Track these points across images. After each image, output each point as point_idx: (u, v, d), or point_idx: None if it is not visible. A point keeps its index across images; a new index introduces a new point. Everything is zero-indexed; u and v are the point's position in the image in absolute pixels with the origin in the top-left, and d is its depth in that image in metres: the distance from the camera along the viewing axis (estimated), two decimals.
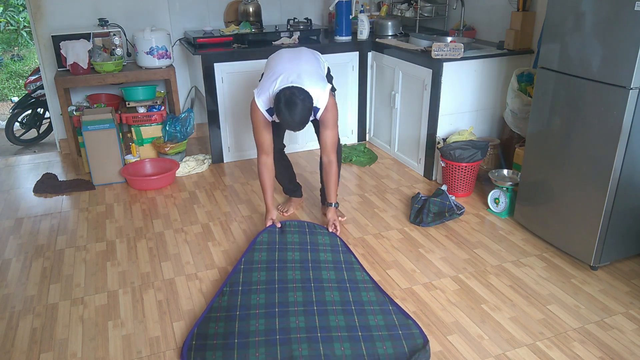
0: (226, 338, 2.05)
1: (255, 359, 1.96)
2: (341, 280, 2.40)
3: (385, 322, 2.15)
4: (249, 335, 2.06)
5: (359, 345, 2.02)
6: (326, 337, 2.06)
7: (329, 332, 2.08)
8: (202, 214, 3.17)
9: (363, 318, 2.17)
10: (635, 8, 2.11)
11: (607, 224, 2.44)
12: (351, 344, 2.03)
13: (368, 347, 2.02)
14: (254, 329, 2.09)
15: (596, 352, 2.04)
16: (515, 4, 3.38)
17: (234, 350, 1.99)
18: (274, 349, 1.99)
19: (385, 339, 2.06)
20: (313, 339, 2.04)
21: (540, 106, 2.67)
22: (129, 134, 3.88)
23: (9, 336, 2.18)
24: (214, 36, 3.85)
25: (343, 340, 2.04)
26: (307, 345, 2.01)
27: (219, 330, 2.09)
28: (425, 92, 3.41)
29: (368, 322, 2.15)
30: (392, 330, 2.11)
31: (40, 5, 3.87)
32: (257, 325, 2.11)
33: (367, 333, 2.09)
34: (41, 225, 3.08)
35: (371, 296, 2.31)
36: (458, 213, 3.02)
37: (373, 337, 2.07)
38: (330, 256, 2.56)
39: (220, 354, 1.98)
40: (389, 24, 4.12)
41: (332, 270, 2.46)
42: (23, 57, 8.63)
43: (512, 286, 2.44)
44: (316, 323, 2.12)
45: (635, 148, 2.33)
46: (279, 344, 2.01)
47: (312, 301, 2.25)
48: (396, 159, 3.93)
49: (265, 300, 2.24)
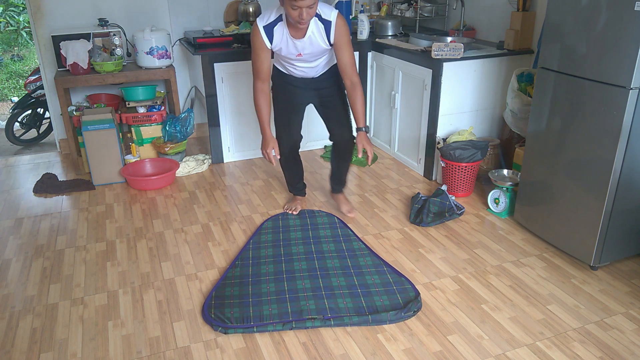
0: (241, 298, 2.34)
1: (268, 313, 2.24)
2: (340, 250, 2.71)
3: (381, 281, 2.45)
4: (261, 295, 2.36)
5: (359, 300, 2.32)
6: (330, 294, 2.36)
7: (332, 290, 2.38)
8: (202, 214, 3.17)
9: (361, 278, 2.47)
10: (635, 8, 2.11)
11: (607, 224, 2.44)
12: (352, 299, 2.33)
13: (367, 301, 2.31)
14: (266, 291, 2.39)
15: (596, 352, 2.04)
16: (515, 4, 3.38)
17: (249, 307, 2.28)
18: (285, 305, 2.29)
19: (381, 293, 2.36)
20: (318, 296, 2.34)
21: (540, 106, 2.66)
22: (129, 134, 3.88)
23: (9, 336, 2.18)
24: (214, 36, 3.85)
25: (345, 297, 2.34)
26: (314, 301, 2.31)
27: (234, 293, 2.38)
28: (425, 92, 3.41)
29: (366, 282, 2.45)
30: (388, 286, 2.41)
31: (40, 5, 3.87)
32: (268, 288, 2.41)
33: (365, 290, 2.39)
34: (41, 225, 3.08)
35: (367, 261, 2.62)
36: (458, 213, 3.02)
37: (371, 293, 2.37)
38: (330, 232, 2.88)
39: (237, 310, 2.26)
40: (389, 24, 4.11)
41: (332, 243, 2.78)
42: (23, 57, 8.63)
43: (512, 286, 2.44)
44: (320, 284, 2.43)
45: (635, 148, 2.33)
46: (289, 301, 2.31)
47: (315, 268, 2.56)
48: (396, 159, 3.93)
49: (273, 269, 2.56)
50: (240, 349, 2.08)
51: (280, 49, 2.65)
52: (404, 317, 2.22)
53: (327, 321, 2.19)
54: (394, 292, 2.37)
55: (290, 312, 2.24)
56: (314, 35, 2.58)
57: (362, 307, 2.27)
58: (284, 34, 2.59)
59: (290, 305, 2.29)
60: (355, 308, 2.26)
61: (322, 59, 2.75)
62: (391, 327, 2.18)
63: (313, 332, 2.16)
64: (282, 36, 2.59)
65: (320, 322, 2.18)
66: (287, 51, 2.65)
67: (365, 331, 2.16)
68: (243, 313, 2.24)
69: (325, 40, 2.60)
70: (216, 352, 2.06)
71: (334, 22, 2.56)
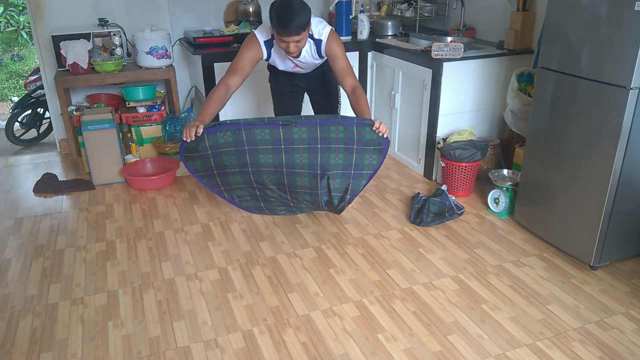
0: (237, 146, 2.49)
1: (267, 178, 2.56)
2: (329, 119, 2.60)
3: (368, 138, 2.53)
4: (257, 143, 2.49)
5: (351, 156, 2.51)
6: (325, 148, 2.49)
7: (328, 144, 2.49)
8: (202, 214, 3.17)
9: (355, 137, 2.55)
10: (635, 8, 2.11)
11: (607, 224, 2.44)
12: (344, 155, 2.50)
13: (354, 184, 2.57)
14: (264, 162, 2.53)
15: (596, 352, 2.05)
16: (515, 4, 3.38)
17: (250, 174, 2.56)
18: (279, 155, 2.48)
19: (374, 152, 2.53)
20: (312, 149, 2.49)
21: (540, 106, 2.67)
22: (129, 134, 3.88)
23: (9, 336, 2.18)
24: (214, 36, 3.85)
25: (338, 152, 2.50)
26: (307, 155, 2.48)
27: (228, 140, 2.48)
28: (425, 92, 3.41)
29: (363, 162, 2.57)
30: (371, 145, 2.53)
31: (40, 5, 3.87)
32: (262, 135, 2.48)
33: (358, 172, 2.57)
34: (41, 225, 3.08)
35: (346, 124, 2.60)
36: (458, 213, 3.02)
37: (362, 175, 2.58)
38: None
39: (234, 157, 2.51)
40: (389, 24, 4.11)
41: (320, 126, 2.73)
42: (23, 57, 8.63)
43: (512, 286, 2.44)
44: (317, 135, 2.49)
45: (635, 148, 2.33)
46: (284, 152, 2.49)
47: (315, 139, 2.54)
48: (396, 159, 3.93)
49: (270, 137, 2.52)
50: (240, 349, 2.08)
51: (277, 63, 2.81)
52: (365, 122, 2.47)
53: (296, 126, 2.40)
54: (378, 152, 2.54)
55: (284, 164, 2.51)
56: (307, 53, 2.72)
57: (350, 165, 2.52)
58: (281, 52, 2.71)
59: (285, 156, 2.51)
60: (344, 166, 2.50)
61: (317, 64, 2.92)
62: (391, 327, 2.18)
63: (313, 332, 2.16)
64: (279, 54, 2.74)
65: (291, 127, 2.41)
66: (284, 65, 2.82)
67: (365, 331, 2.16)
68: (237, 145, 2.48)
69: (316, 55, 2.73)
70: (216, 352, 2.06)
71: (325, 41, 2.65)
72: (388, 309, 2.29)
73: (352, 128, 2.49)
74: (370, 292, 2.42)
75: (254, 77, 3.52)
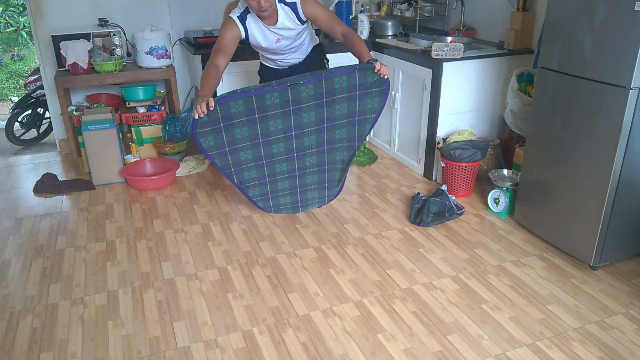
0: (248, 115, 2.58)
1: (277, 149, 2.69)
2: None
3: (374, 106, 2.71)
4: (267, 109, 2.58)
5: (354, 103, 2.64)
6: (330, 101, 2.60)
7: (333, 95, 2.60)
8: (202, 214, 3.17)
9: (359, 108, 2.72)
10: (635, 8, 2.11)
11: (607, 224, 2.44)
12: (348, 104, 2.63)
13: (360, 130, 2.71)
14: (274, 129, 2.65)
15: (596, 352, 2.05)
16: (515, 4, 3.38)
17: (260, 146, 2.68)
18: (288, 119, 2.61)
19: (376, 95, 2.65)
20: (319, 105, 2.61)
21: (540, 106, 2.67)
22: (129, 134, 3.88)
23: (9, 336, 2.18)
24: (214, 36, 3.84)
25: (342, 101, 2.62)
26: (315, 112, 2.62)
27: (239, 109, 2.55)
28: (425, 92, 3.41)
29: (366, 107, 2.69)
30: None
31: (40, 6, 3.87)
32: (272, 99, 2.56)
33: (362, 117, 2.70)
34: (41, 225, 3.08)
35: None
36: (458, 213, 3.02)
37: (366, 120, 2.70)
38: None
39: (246, 129, 2.61)
40: (389, 24, 4.12)
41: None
42: (23, 57, 8.64)
43: (512, 286, 2.44)
44: (323, 89, 2.58)
45: (635, 148, 2.33)
46: (292, 114, 2.60)
47: (321, 93, 2.63)
48: (396, 159, 3.93)
49: (279, 100, 2.60)
50: (240, 349, 2.08)
51: (260, 40, 2.76)
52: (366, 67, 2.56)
53: (303, 84, 2.49)
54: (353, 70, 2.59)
55: (295, 149, 2.72)
56: (285, 19, 2.69)
57: (354, 138, 2.74)
58: (258, 23, 2.70)
59: (296, 142, 2.70)
60: (349, 139, 2.70)
61: (304, 35, 2.87)
62: (391, 327, 2.18)
63: (313, 332, 2.16)
64: (257, 26, 2.71)
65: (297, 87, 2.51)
66: (267, 39, 2.77)
67: (365, 331, 2.16)
68: (252, 131, 2.62)
69: (295, 21, 2.71)
70: (216, 352, 2.06)
71: (299, 2, 2.65)
72: (388, 309, 2.30)
73: (355, 74, 2.60)
74: (370, 292, 2.42)
75: (249, 82, 3.52)
